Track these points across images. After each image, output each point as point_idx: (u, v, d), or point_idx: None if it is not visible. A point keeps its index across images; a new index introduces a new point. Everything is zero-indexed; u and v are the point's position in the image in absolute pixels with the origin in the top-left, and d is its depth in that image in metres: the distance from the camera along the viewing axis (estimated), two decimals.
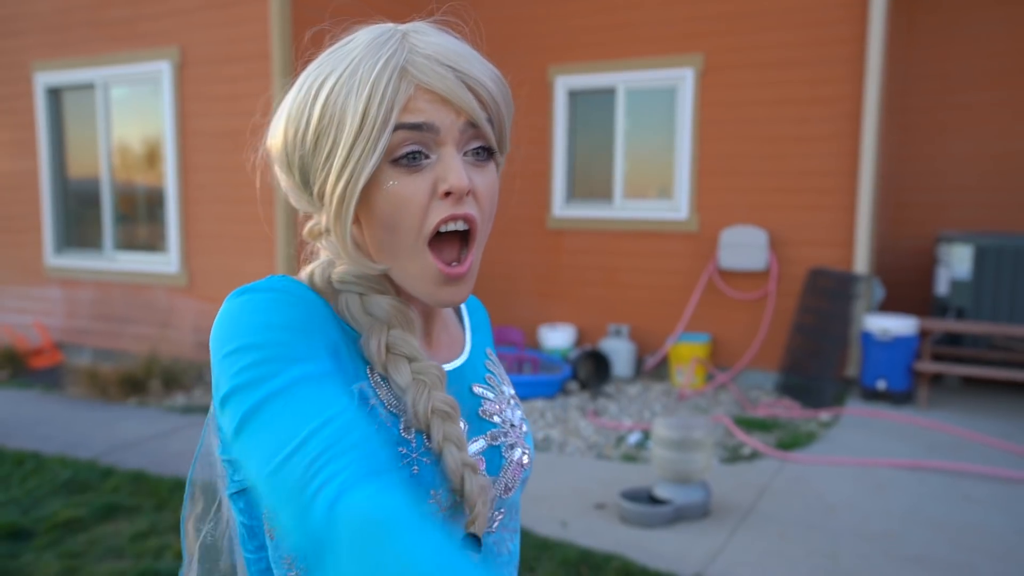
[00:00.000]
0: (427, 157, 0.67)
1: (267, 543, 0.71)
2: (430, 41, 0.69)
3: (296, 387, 0.60)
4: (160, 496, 3.62)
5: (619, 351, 6.11)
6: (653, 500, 3.44)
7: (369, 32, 0.70)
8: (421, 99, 0.66)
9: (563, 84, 6.45)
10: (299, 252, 0.81)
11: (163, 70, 5.82)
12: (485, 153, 0.71)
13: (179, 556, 3.03)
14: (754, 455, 4.28)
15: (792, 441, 4.50)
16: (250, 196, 5.56)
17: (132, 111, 6.21)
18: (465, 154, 0.70)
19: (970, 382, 5.72)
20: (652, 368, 6.22)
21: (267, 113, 0.77)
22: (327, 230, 0.72)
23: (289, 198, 0.76)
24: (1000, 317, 5.33)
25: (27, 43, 6.54)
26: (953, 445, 4.40)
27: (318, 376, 0.62)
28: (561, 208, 6.58)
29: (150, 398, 5.38)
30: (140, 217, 6.35)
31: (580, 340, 6.54)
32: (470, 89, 0.68)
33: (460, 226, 0.69)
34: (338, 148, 0.67)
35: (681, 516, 3.38)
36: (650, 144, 6.30)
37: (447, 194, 0.68)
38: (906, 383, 5.19)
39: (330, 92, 0.67)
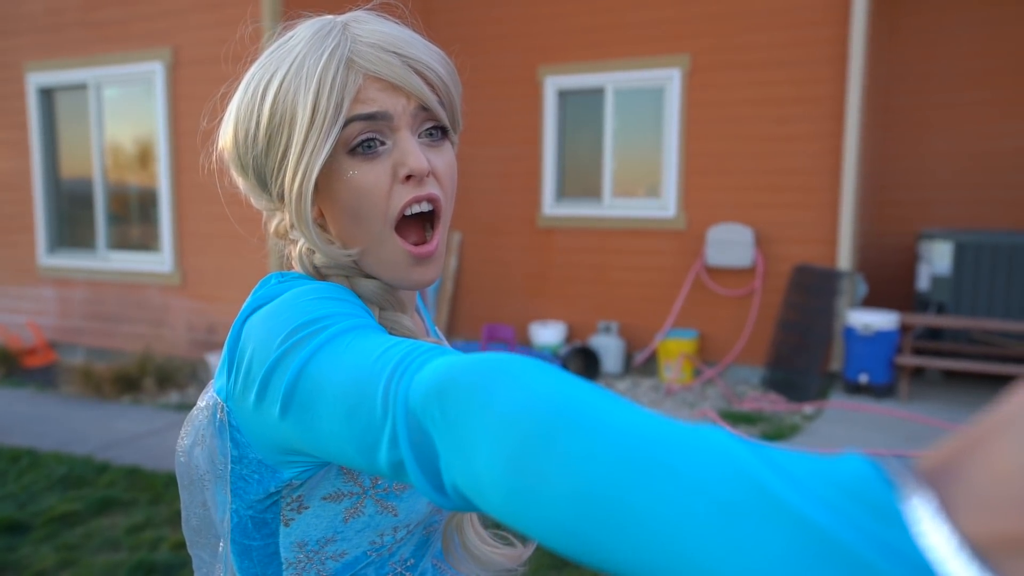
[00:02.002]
0: (383, 144, 0.68)
1: (279, 530, 0.70)
2: (372, 29, 0.69)
3: (358, 330, 0.61)
4: (155, 490, 3.69)
5: (608, 347, 6.20)
6: None
7: (310, 26, 0.70)
8: (371, 88, 0.67)
9: (552, 84, 6.53)
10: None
11: (156, 70, 5.88)
12: (440, 133, 0.72)
13: (175, 548, 3.10)
14: None
15: (776, 433, 4.59)
16: (242, 196, 5.63)
17: (125, 111, 6.27)
18: (420, 136, 0.70)
19: (950, 375, 5.83)
20: (641, 364, 6.32)
21: (215, 118, 0.79)
22: (292, 226, 0.73)
23: (251, 200, 0.77)
24: (979, 312, 5.44)
25: (19, 43, 6.58)
26: (931, 436, 4.50)
27: (373, 326, 0.63)
28: (551, 207, 6.66)
29: (144, 396, 5.44)
30: (133, 217, 6.40)
31: (570, 337, 6.63)
32: (418, 73, 0.69)
33: (425, 207, 0.70)
34: (292, 145, 0.67)
35: None
36: (638, 143, 6.39)
37: (408, 178, 0.69)
38: (888, 377, 5.30)
39: (278, 90, 0.68)
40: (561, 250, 6.64)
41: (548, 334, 6.37)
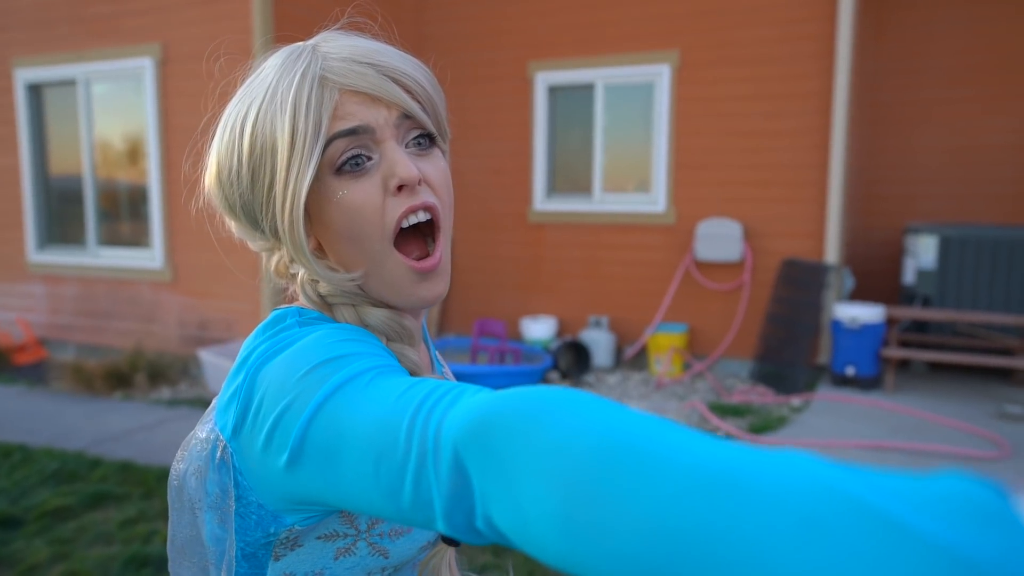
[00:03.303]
0: (369, 159, 0.66)
1: (268, 563, 0.68)
2: (342, 44, 0.68)
3: (378, 370, 0.59)
4: (148, 485, 3.71)
5: (599, 341, 6.24)
6: None
7: (279, 55, 0.69)
8: (349, 103, 0.65)
9: (543, 80, 6.56)
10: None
11: (145, 66, 5.87)
12: (427, 141, 0.70)
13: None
14: (727, 439, 4.42)
15: (764, 425, 4.65)
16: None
17: (114, 107, 6.25)
18: (407, 146, 0.68)
19: (935, 367, 5.90)
20: (631, 358, 6.36)
21: (197, 162, 0.76)
22: (292, 260, 0.71)
23: (248, 243, 0.74)
24: (963, 305, 5.51)
25: (7, 39, 6.55)
26: (916, 427, 4.57)
27: (395, 367, 0.61)
28: (542, 202, 6.69)
29: (135, 392, 5.45)
30: (123, 213, 6.39)
31: (561, 331, 6.67)
32: (395, 81, 0.67)
33: (422, 217, 0.68)
34: (277, 174, 0.65)
35: None
36: (628, 139, 6.42)
37: (400, 188, 0.66)
38: (874, 369, 5.36)
39: (255, 122, 0.66)
40: (552, 245, 6.68)
41: (539, 328, 6.40)
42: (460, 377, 5.44)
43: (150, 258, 6.08)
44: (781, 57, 5.75)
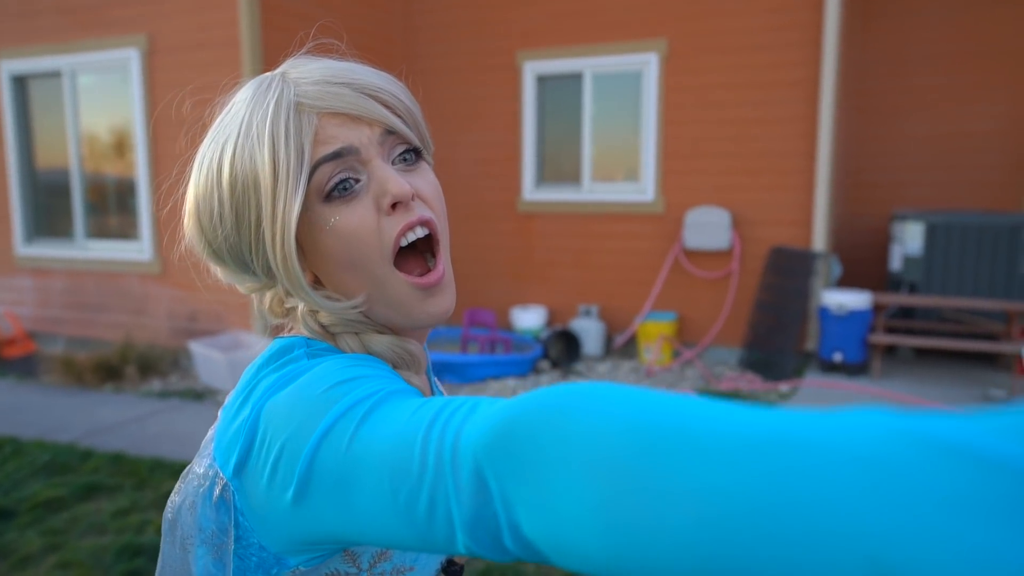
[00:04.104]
0: (357, 181, 0.64)
1: None
2: (312, 68, 0.66)
3: (390, 395, 0.57)
4: (140, 476, 3.72)
5: (589, 330, 6.28)
6: None
7: (246, 89, 0.67)
8: (329, 126, 0.63)
9: (531, 69, 6.56)
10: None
11: (131, 58, 5.83)
12: (413, 155, 0.68)
13: (160, 531, 3.14)
14: None
15: None
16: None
17: (101, 99, 6.22)
18: (393, 162, 0.67)
19: (921, 352, 5.97)
20: (621, 346, 6.40)
21: (176, 206, 0.73)
22: (288, 294, 0.69)
23: (237, 287, 0.72)
24: (949, 291, 5.57)
25: None
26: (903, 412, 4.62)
27: (405, 389, 0.60)
28: (531, 192, 6.70)
29: (126, 384, 5.44)
30: (111, 206, 6.36)
31: (551, 320, 6.70)
32: (373, 98, 0.65)
33: (420, 232, 0.66)
34: (263, 209, 0.63)
35: None
36: (617, 128, 6.44)
37: (394, 206, 0.64)
38: (861, 355, 5.42)
39: (232, 159, 0.64)
40: (541, 235, 6.70)
41: (529, 318, 6.43)
42: (450, 366, 5.46)
43: (139, 250, 6.06)
44: (768, 45, 5.77)
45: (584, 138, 6.49)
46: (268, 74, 0.67)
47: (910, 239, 5.69)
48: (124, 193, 6.21)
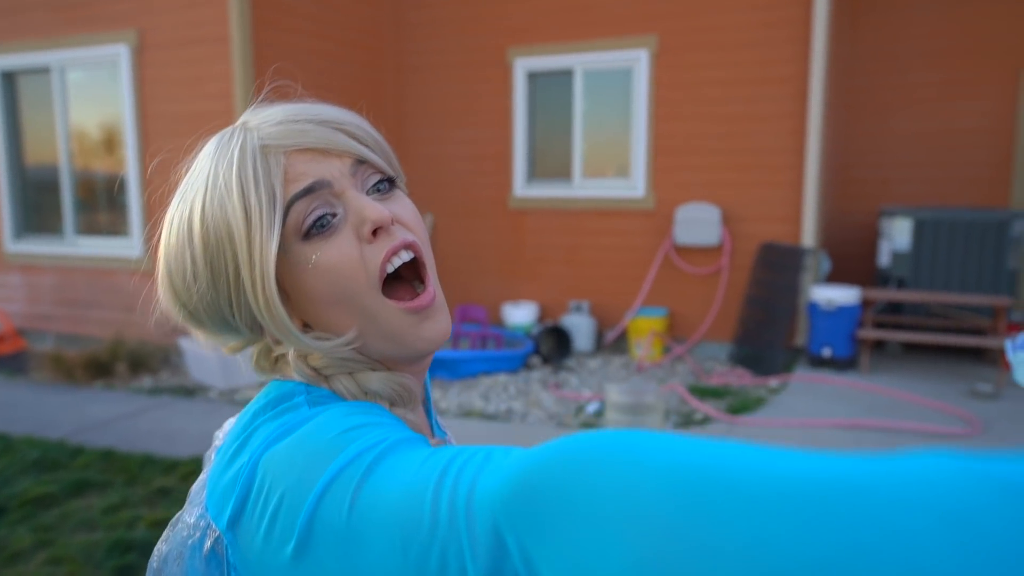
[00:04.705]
0: (334, 215, 0.63)
1: None
2: (272, 111, 0.65)
3: (398, 442, 0.54)
4: (130, 472, 3.71)
5: (580, 326, 6.30)
6: None
7: (209, 145, 0.66)
8: (298, 163, 0.62)
9: (522, 66, 6.57)
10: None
11: (121, 53, 5.81)
12: (387, 184, 0.67)
13: (152, 526, 3.14)
14: (705, 420, 4.50)
15: (742, 406, 4.73)
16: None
17: (90, 96, 6.19)
18: (367, 192, 0.66)
19: (909, 347, 6.02)
20: (612, 342, 6.43)
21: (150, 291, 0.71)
22: (277, 342, 0.66)
23: (221, 349, 0.70)
24: (937, 286, 5.61)
25: None
26: (890, 406, 4.67)
27: (412, 438, 0.57)
28: (522, 188, 6.72)
29: (116, 381, 5.43)
30: (101, 202, 6.34)
31: (542, 316, 6.72)
32: (339, 130, 0.65)
33: (405, 256, 0.65)
34: (240, 258, 0.61)
35: None
36: (607, 124, 6.46)
37: (374, 233, 0.63)
38: (850, 350, 5.46)
39: (202, 213, 0.62)
40: (532, 231, 6.71)
41: (520, 314, 6.45)
42: (442, 362, 5.47)
43: (129, 246, 6.05)
44: (758, 42, 5.79)
45: (575, 135, 6.51)
46: (228, 128, 0.66)
47: (898, 235, 5.73)
48: (114, 189, 6.19)
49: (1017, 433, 4.11)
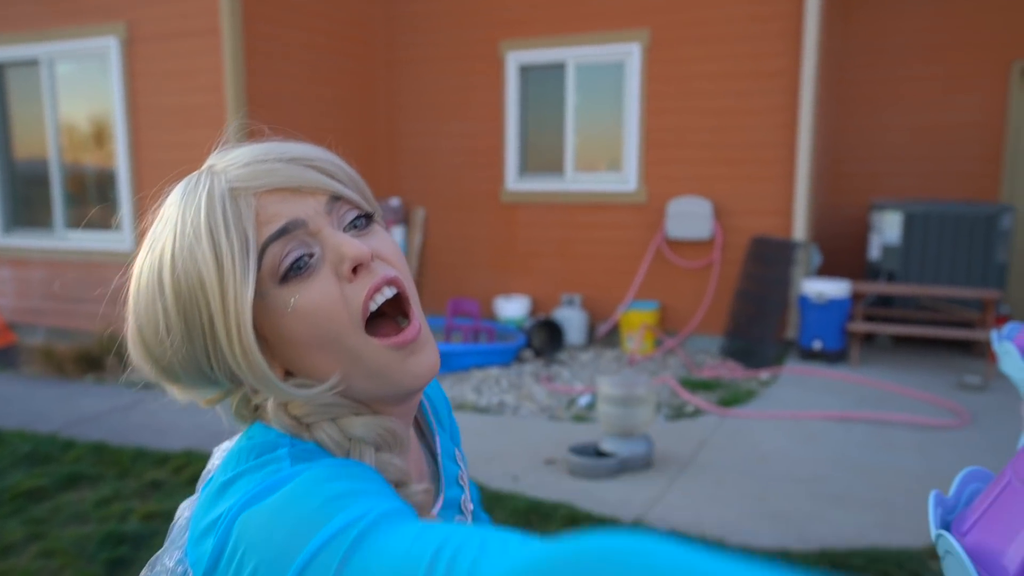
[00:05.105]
0: (311, 255, 0.60)
1: None
2: (237, 153, 0.63)
3: (383, 515, 0.51)
4: (122, 465, 3.71)
5: (572, 320, 6.31)
6: (599, 454, 3.65)
7: (175, 192, 0.64)
8: (269, 204, 0.60)
9: (514, 59, 6.56)
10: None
11: (110, 46, 5.78)
12: (364, 220, 0.65)
13: (144, 519, 3.14)
14: (696, 412, 4.53)
15: (732, 399, 4.75)
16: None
17: (79, 88, 6.15)
18: (344, 230, 0.63)
19: (899, 340, 6.06)
20: (604, 335, 6.44)
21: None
22: (255, 392, 0.63)
23: (198, 403, 0.67)
24: (926, 279, 5.65)
25: None
26: (880, 398, 4.70)
27: (401, 510, 0.54)
28: (514, 182, 6.72)
29: (107, 374, 5.42)
30: (91, 196, 6.31)
31: (534, 310, 6.73)
32: (310, 167, 0.63)
33: (388, 293, 0.62)
34: (213, 308, 0.58)
35: (625, 468, 3.59)
36: (599, 118, 6.46)
37: (355, 271, 0.61)
38: (840, 343, 5.49)
39: (172, 263, 0.59)
40: (525, 224, 6.72)
41: (513, 307, 6.45)
42: None
43: (119, 240, 6.02)
44: (750, 36, 5.81)
45: (567, 128, 6.51)
46: (194, 173, 0.64)
47: (888, 228, 5.76)
48: (104, 183, 6.16)
49: (1004, 424, 4.15)
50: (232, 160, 0.62)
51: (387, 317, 0.64)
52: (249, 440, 0.62)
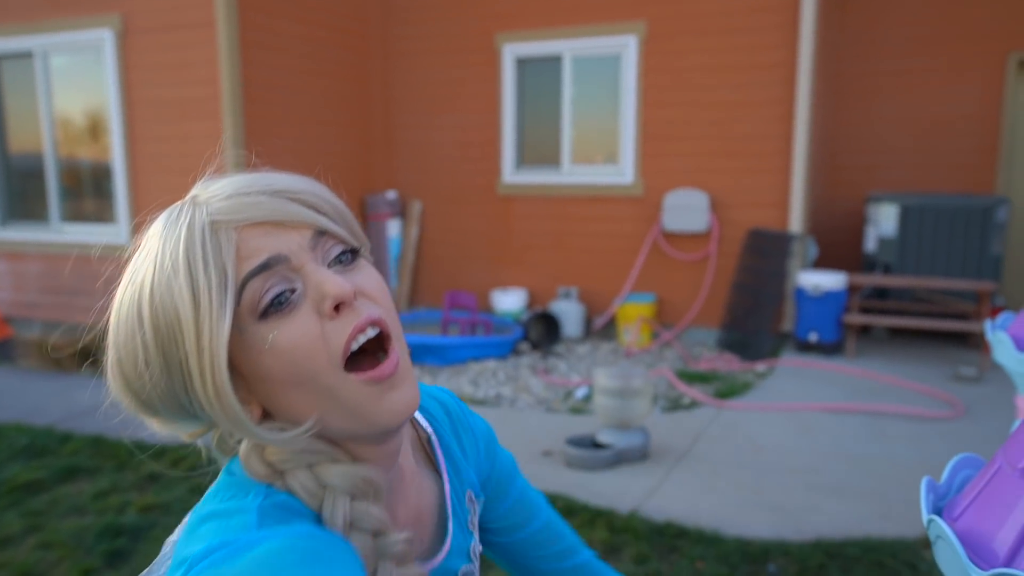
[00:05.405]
0: (293, 291, 0.59)
1: None
2: (221, 184, 0.62)
3: None
4: (120, 457, 3.71)
5: (569, 312, 6.32)
6: (596, 445, 3.66)
7: (157, 223, 0.62)
8: (251, 238, 0.59)
9: (511, 52, 6.55)
10: None
11: (105, 38, 5.75)
12: (350, 256, 0.63)
13: (142, 511, 3.14)
14: (693, 404, 4.54)
15: (729, 391, 4.77)
16: (199, 165, 5.56)
17: (74, 81, 6.12)
18: (329, 265, 0.62)
19: (895, 332, 6.08)
20: (600, 328, 6.45)
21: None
22: (230, 435, 0.62)
23: (180, 436, 0.66)
24: (922, 271, 5.67)
25: None
26: (875, 389, 4.72)
27: None
28: (511, 174, 6.71)
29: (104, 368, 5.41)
30: (86, 190, 6.29)
31: (531, 303, 6.73)
32: (294, 201, 0.61)
33: (372, 333, 0.61)
34: (188, 344, 0.57)
35: (622, 459, 3.61)
36: (596, 111, 6.45)
37: (337, 308, 0.59)
38: (836, 335, 5.51)
39: (151, 295, 0.58)
40: (521, 217, 6.72)
41: (509, 300, 6.46)
42: (431, 348, 5.48)
43: (115, 233, 6.01)
44: (747, 28, 5.80)
45: (564, 121, 6.50)
46: (178, 203, 0.63)
47: (885, 221, 5.77)
48: (100, 177, 6.14)
49: (999, 416, 4.17)
50: (215, 192, 0.61)
51: (367, 352, 0.62)
52: (229, 476, 0.62)
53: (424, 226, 7.04)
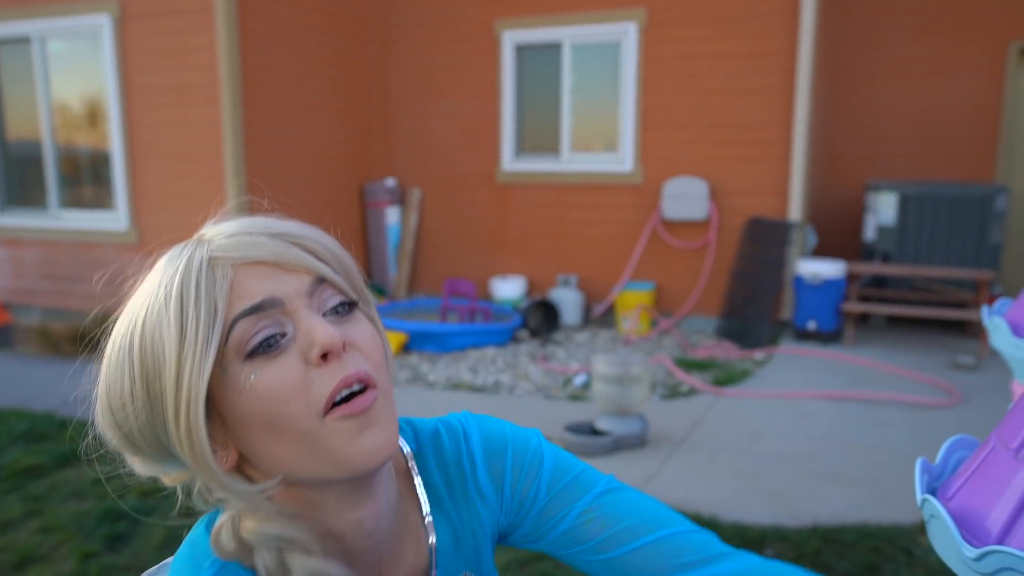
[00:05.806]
0: (283, 335, 0.58)
1: None
2: (228, 224, 0.62)
3: None
4: None
5: (568, 300, 6.32)
6: (594, 432, 3.67)
7: (163, 259, 0.62)
8: (248, 278, 0.58)
9: (510, 39, 6.52)
10: None
11: (103, 23, 5.72)
12: (347, 308, 0.62)
13: (142, 496, 3.16)
14: (691, 392, 4.55)
15: (727, 378, 4.78)
16: (198, 151, 5.56)
17: (72, 67, 6.10)
18: (325, 315, 0.61)
19: (893, 320, 6.09)
20: (599, 316, 6.46)
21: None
22: (207, 488, 0.61)
23: (163, 479, 0.65)
24: (921, 259, 5.67)
25: None
26: (873, 377, 4.73)
27: None
28: (510, 162, 6.70)
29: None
30: (85, 175, 6.27)
31: (530, 290, 6.74)
32: (296, 245, 0.61)
33: (358, 388, 0.59)
34: (167, 377, 0.56)
35: (620, 446, 3.62)
36: (596, 98, 6.43)
37: (324, 357, 0.58)
38: (835, 323, 5.52)
39: (142, 331, 0.58)
40: (520, 205, 6.71)
41: (508, 288, 6.46)
42: (430, 336, 5.49)
43: (114, 220, 6.00)
44: (746, 15, 5.77)
45: (563, 108, 6.49)
46: (187, 240, 0.63)
47: (884, 209, 5.77)
48: (98, 163, 6.12)
49: (996, 404, 4.19)
50: (220, 231, 0.61)
51: (347, 398, 0.60)
52: (193, 532, 0.61)
53: (423, 213, 7.03)
